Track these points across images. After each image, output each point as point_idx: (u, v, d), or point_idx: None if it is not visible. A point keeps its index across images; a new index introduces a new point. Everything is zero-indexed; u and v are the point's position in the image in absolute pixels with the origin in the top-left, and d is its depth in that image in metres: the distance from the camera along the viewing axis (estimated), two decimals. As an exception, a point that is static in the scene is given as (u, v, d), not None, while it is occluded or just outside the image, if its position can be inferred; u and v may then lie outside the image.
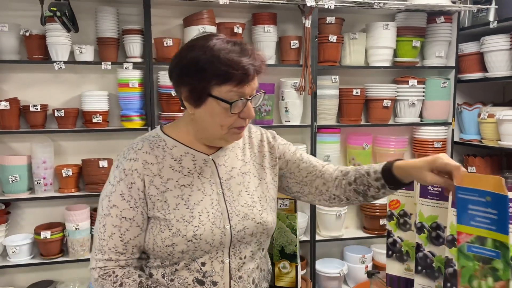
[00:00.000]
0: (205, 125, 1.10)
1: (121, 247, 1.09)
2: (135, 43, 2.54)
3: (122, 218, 1.08)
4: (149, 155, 1.11)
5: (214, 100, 1.05)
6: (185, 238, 1.06)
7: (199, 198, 1.11)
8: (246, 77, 1.03)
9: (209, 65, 1.02)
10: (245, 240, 1.15)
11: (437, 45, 2.95)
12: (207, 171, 1.15)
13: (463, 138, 3.04)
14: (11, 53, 2.44)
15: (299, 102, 2.79)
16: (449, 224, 1.17)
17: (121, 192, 1.08)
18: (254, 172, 1.22)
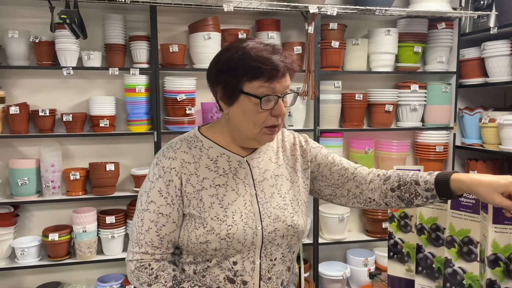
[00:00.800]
0: (238, 124, 1.13)
1: (157, 241, 1.12)
2: (142, 49, 2.59)
3: (159, 214, 1.12)
4: (187, 155, 1.15)
5: (246, 96, 1.08)
6: (219, 236, 1.09)
7: (233, 198, 1.14)
8: (276, 73, 1.07)
9: (240, 62, 1.07)
10: (276, 242, 1.16)
11: (438, 51, 2.98)
12: (241, 172, 1.17)
13: (465, 142, 3.07)
14: (21, 59, 2.49)
15: (302, 106, 2.83)
16: (448, 225, 1.21)
17: (159, 189, 1.12)
18: (287, 175, 1.24)
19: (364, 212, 3.04)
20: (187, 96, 2.61)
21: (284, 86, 1.10)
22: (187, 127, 2.66)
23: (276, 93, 1.09)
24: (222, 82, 1.11)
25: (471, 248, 1.16)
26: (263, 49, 1.08)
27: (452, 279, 1.19)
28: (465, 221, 1.18)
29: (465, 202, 1.18)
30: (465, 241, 1.17)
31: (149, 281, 1.11)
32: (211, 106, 2.69)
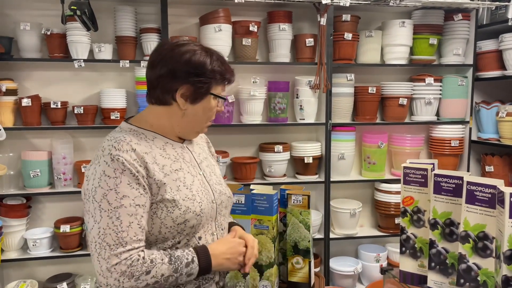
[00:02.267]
0: (195, 119, 1.24)
1: (140, 234, 1.12)
2: (153, 41, 2.59)
3: (137, 206, 1.11)
4: (140, 146, 1.17)
5: (211, 97, 1.22)
6: (195, 213, 1.18)
7: (191, 179, 1.24)
8: (232, 79, 1.27)
9: (217, 67, 1.20)
10: (223, 212, 1.32)
11: (454, 43, 2.92)
12: (186, 157, 1.28)
13: (481, 137, 3.01)
14: (33, 51, 2.51)
15: (314, 100, 2.80)
16: (462, 220, 1.17)
17: (128, 182, 1.11)
18: (210, 157, 1.41)
19: (377, 207, 3.00)
20: (197, 88, 2.60)
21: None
22: (198, 120, 2.65)
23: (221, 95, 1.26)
24: (194, 83, 1.19)
25: (487, 243, 1.13)
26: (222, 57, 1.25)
27: (466, 275, 1.16)
28: (480, 216, 1.14)
29: (481, 196, 1.14)
30: (480, 236, 1.13)
31: (146, 269, 1.10)
32: (221, 99, 2.67)
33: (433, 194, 1.25)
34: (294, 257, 1.57)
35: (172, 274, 1.12)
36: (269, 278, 1.55)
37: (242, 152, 2.93)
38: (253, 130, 2.93)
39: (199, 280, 1.22)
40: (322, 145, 2.86)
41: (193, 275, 1.16)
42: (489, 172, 2.90)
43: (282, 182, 2.79)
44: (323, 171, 2.85)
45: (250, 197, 1.54)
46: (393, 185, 2.91)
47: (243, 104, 2.73)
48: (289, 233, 1.57)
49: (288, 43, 2.77)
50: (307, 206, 1.55)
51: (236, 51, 2.74)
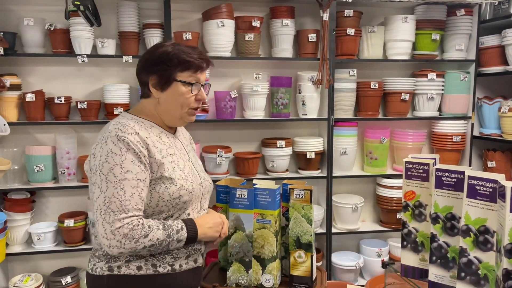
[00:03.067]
0: (169, 106, 1.39)
1: (140, 204, 1.28)
2: (155, 37, 2.59)
3: (138, 180, 1.28)
4: (142, 131, 1.34)
5: (178, 83, 1.36)
6: (188, 190, 1.37)
7: (183, 163, 1.41)
8: (201, 65, 1.37)
9: (175, 56, 1.35)
10: (205, 196, 1.50)
11: (457, 38, 2.91)
12: (177, 145, 1.46)
13: (483, 132, 3.00)
14: (37, 46, 2.52)
15: (316, 95, 2.80)
16: (463, 214, 1.17)
17: (131, 159, 1.28)
18: (192, 149, 1.58)
19: (379, 202, 3.01)
20: (200, 84, 2.60)
21: (204, 77, 1.41)
22: (200, 115, 2.66)
23: (200, 82, 1.39)
24: (157, 71, 1.35)
25: (487, 237, 1.13)
26: (188, 47, 1.39)
27: (467, 269, 1.16)
28: (481, 210, 1.14)
29: (482, 190, 1.15)
30: (481, 230, 1.14)
31: (145, 233, 1.26)
32: (224, 95, 2.68)
33: (434, 189, 1.25)
34: (296, 251, 1.58)
35: (166, 238, 1.29)
36: (272, 271, 1.56)
37: (244, 147, 2.94)
38: (255, 126, 2.93)
39: (189, 250, 1.41)
40: (324, 141, 2.86)
41: (182, 241, 1.33)
42: (491, 168, 2.90)
43: (284, 177, 2.79)
44: (325, 166, 2.86)
45: (253, 192, 1.55)
46: (395, 180, 2.92)
47: (246, 99, 2.73)
48: (292, 228, 1.58)
49: (290, 39, 2.76)
50: (309, 201, 1.55)
51: (238, 46, 2.75)
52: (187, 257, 1.41)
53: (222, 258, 1.73)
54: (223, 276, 1.63)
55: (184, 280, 1.40)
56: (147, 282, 1.33)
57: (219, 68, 2.81)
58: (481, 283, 1.13)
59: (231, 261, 1.59)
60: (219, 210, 1.69)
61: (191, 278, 1.43)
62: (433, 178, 1.26)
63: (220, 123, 2.86)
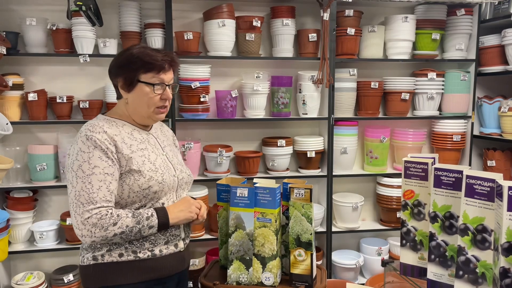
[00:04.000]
0: (136, 106, 1.50)
1: (108, 196, 1.39)
2: (157, 36, 2.60)
3: (106, 174, 1.39)
4: (111, 129, 1.45)
5: (142, 84, 1.46)
6: (157, 181, 1.47)
7: (155, 157, 1.52)
8: (163, 66, 1.46)
9: (139, 58, 1.45)
10: (183, 186, 1.60)
11: (457, 38, 2.91)
12: (151, 141, 1.56)
13: (483, 131, 3.00)
14: (39, 46, 2.53)
15: (316, 95, 2.80)
16: (462, 213, 1.18)
17: (99, 156, 1.39)
18: (172, 145, 1.70)
19: (379, 201, 3.01)
20: (201, 83, 2.61)
21: (169, 78, 1.50)
22: (201, 114, 2.67)
23: (164, 82, 1.48)
24: (123, 73, 1.47)
25: (485, 236, 1.13)
26: (152, 49, 1.49)
27: (465, 267, 1.17)
28: (479, 209, 1.15)
29: (480, 189, 1.15)
30: (479, 229, 1.14)
31: (113, 221, 1.36)
32: (225, 94, 2.69)
33: (433, 188, 1.26)
34: (296, 249, 1.58)
35: (135, 225, 1.39)
36: (272, 270, 1.56)
37: (245, 146, 2.94)
38: (256, 125, 2.94)
39: (167, 236, 1.50)
40: (324, 140, 2.87)
41: (154, 227, 1.43)
42: (491, 167, 2.91)
43: (285, 176, 2.80)
44: (326, 165, 2.86)
45: (253, 191, 1.55)
46: (395, 180, 2.92)
47: (247, 98, 2.74)
48: (292, 226, 1.58)
49: (291, 38, 2.77)
50: (309, 200, 1.55)
51: (239, 46, 2.75)
52: (166, 243, 1.50)
53: (222, 256, 1.73)
54: (224, 274, 1.64)
55: (165, 264, 1.50)
56: (129, 267, 1.44)
57: (220, 67, 2.81)
58: (478, 281, 1.14)
59: (231, 260, 1.60)
60: (220, 208, 1.70)
61: (173, 262, 1.53)
62: (432, 177, 1.26)
63: (221, 122, 2.86)
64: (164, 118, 1.59)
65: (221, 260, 1.73)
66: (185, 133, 2.81)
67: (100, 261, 1.44)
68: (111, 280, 1.44)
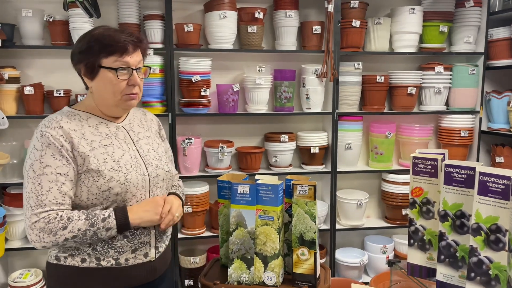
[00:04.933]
0: (101, 94, 1.37)
1: (60, 198, 1.28)
2: (156, 28, 2.55)
3: (58, 174, 1.28)
4: (70, 124, 1.34)
5: (104, 70, 1.32)
6: (119, 182, 1.33)
7: (120, 154, 1.38)
8: (126, 48, 1.32)
9: (96, 42, 1.31)
10: (159, 184, 1.46)
11: (465, 30, 2.85)
12: (120, 135, 1.43)
13: (491, 127, 2.95)
14: (35, 38, 2.49)
15: (320, 89, 2.76)
16: (474, 212, 1.14)
17: (52, 154, 1.28)
18: (153, 137, 1.55)
19: (384, 198, 2.97)
20: (202, 77, 2.57)
21: (136, 60, 1.35)
22: (202, 109, 2.62)
23: (130, 66, 1.33)
24: (83, 60, 1.34)
25: (499, 236, 1.09)
26: (113, 31, 1.34)
27: (477, 269, 1.13)
28: (493, 208, 1.10)
29: (494, 187, 1.10)
30: (493, 229, 1.10)
31: (63, 225, 1.26)
32: (226, 88, 2.64)
33: (443, 185, 1.21)
34: (299, 248, 1.54)
35: (89, 228, 1.28)
36: (274, 269, 1.53)
37: (247, 142, 2.90)
38: (258, 120, 2.89)
39: (134, 244, 1.38)
40: (328, 135, 2.82)
41: (112, 229, 1.31)
42: (499, 163, 2.86)
43: (287, 172, 2.76)
44: (330, 161, 2.82)
45: (255, 187, 1.52)
46: (400, 176, 2.88)
47: (249, 93, 2.69)
48: (295, 224, 1.54)
49: (294, 31, 2.72)
50: (313, 197, 1.51)
51: (241, 38, 2.70)
52: (134, 251, 1.38)
53: (223, 255, 1.70)
54: (225, 273, 1.60)
55: (131, 275, 1.38)
56: (90, 275, 1.34)
57: (221, 60, 2.77)
58: (491, 283, 1.10)
59: (232, 258, 1.56)
60: (220, 206, 1.65)
61: (141, 272, 1.41)
62: (442, 174, 1.22)
63: (222, 117, 2.82)
64: (134, 105, 1.43)
65: (222, 259, 1.70)
66: (185, 128, 2.77)
67: (62, 262, 1.36)
68: (70, 284, 1.36)
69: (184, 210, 2.63)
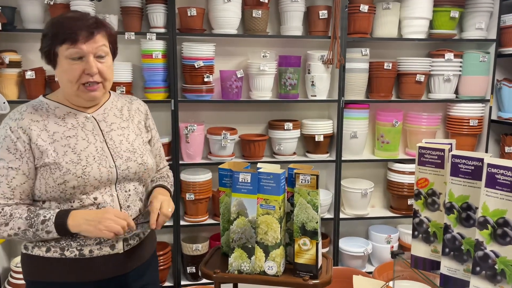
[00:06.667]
0: (62, 83, 1.34)
1: (9, 193, 1.28)
2: (159, 12, 2.51)
3: (9, 168, 1.28)
4: (34, 115, 1.32)
5: (60, 58, 1.28)
6: (75, 175, 1.29)
7: (84, 145, 1.34)
8: (76, 36, 1.26)
9: (49, 30, 1.29)
10: (130, 177, 1.40)
11: (477, 16, 2.78)
12: (89, 126, 1.38)
13: (501, 116, 2.90)
14: (37, 22, 2.46)
15: (326, 76, 2.71)
16: (481, 205, 1.11)
17: (7, 147, 1.28)
18: (133, 127, 1.47)
19: (389, 187, 2.94)
20: (205, 63, 2.53)
21: (93, 47, 1.28)
22: (205, 95, 2.59)
23: (85, 54, 1.27)
24: (43, 48, 1.32)
25: (507, 230, 1.06)
26: (67, 17, 1.29)
27: (483, 263, 1.10)
28: (501, 201, 1.07)
29: (502, 179, 1.07)
30: (500, 223, 1.07)
31: (5, 221, 1.25)
32: (230, 74, 2.60)
33: (450, 176, 1.18)
34: (301, 238, 1.52)
35: (28, 228, 1.26)
36: (275, 259, 1.51)
37: (250, 129, 2.87)
38: (262, 107, 2.86)
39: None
40: (334, 123, 2.79)
41: (52, 232, 1.27)
42: (509, 153, 2.81)
43: (291, 161, 2.74)
44: (335, 149, 2.79)
45: (257, 176, 1.49)
46: (406, 165, 2.84)
47: (253, 79, 2.65)
48: (297, 214, 1.52)
49: (300, 15, 2.66)
50: (315, 186, 1.49)
51: (245, 23, 2.65)
52: (99, 243, 1.35)
53: (224, 243, 1.68)
54: (226, 262, 1.59)
55: (97, 267, 1.35)
56: (55, 265, 1.33)
57: (224, 46, 2.72)
58: (497, 278, 1.08)
59: (233, 247, 1.54)
60: (221, 194, 1.64)
61: (108, 264, 1.37)
62: (449, 165, 1.18)
63: (225, 104, 2.79)
64: (98, 96, 1.35)
65: (223, 247, 1.69)
66: (188, 115, 2.75)
67: (30, 252, 1.35)
68: (36, 273, 1.35)
69: (187, 198, 2.62)
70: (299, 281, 1.50)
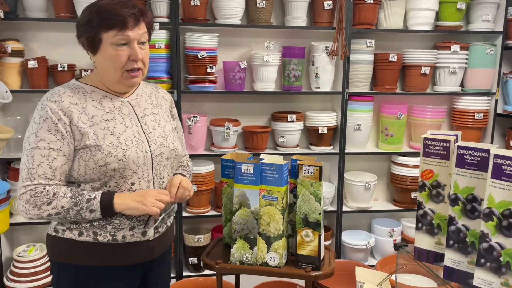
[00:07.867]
0: (103, 70, 1.35)
1: (50, 173, 1.29)
2: (162, 2, 2.48)
3: (50, 149, 1.28)
4: (72, 98, 1.33)
5: (105, 44, 1.30)
6: (116, 158, 1.31)
7: (122, 129, 1.36)
8: (125, 23, 1.28)
9: (97, 15, 1.29)
10: (163, 163, 1.43)
11: (484, 8, 2.74)
12: (125, 110, 1.40)
13: (507, 109, 2.88)
14: (39, 10, 2.44)
15: (330, 67, 2.69)
16: (487, 196, 1.10)
17: (47, 128, 1.28)
18: (162, 114, 1.51)
19: (393, 180, 2.92)
20: (208, 53, 2.51)
21: (138, 34, 1.32)
22: (208, 86, 2.57)
23: (131, 40, 1.30)
24: (84, 34, 1.31)
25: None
26: (112, 4, 1.30)
27: (488, 255, 1.09)
28: (507, 192, 1.06)
29: (509, 170, 1.05)
30: (506, 214, 1.05)
31: (48, 200, 1.27)
32: (233, 65, 2.58)
33: (455, 168, 1.16)
34: (304, 229, 1.52)
35: (72, 207, 1.28)
36: (277, 250, 1.51)
37: (254, 121, 2.86)
38: (265, 98, 2.84)
39: (133, 222, 1.37)
40: (337, 115, 2.77)
41: (95, 211, 1.29)
42: (514, 147, 2.78)
43: (294, 153, 2.72)
44: (338, 142, 2.77)
45: (259, 167, 1.49)
46: (410, 159, 2.83)
47: (256, 70, 2.63)
48: (299, 205, 1.51)
49: (305, 6, 2.63)
50: (318, 178, 1.48)
51: (249, 13, 2.62)
52: (132, 229, 1.38)
53: (226, 234, 1.68)
54: (228, 253, 1.58)
55: (128, 252, 1.38)
56: (87, 249, 1.35)
57: (228, 37, 2.70)
58: (502, 270, 1.06)
59: (235, 238, 1.54)
60: (224, 185, 1.63)
61: (139, 251, 1.40)
62: (454, 156, 1.16)
63: (228, 95, 2.77)
64: (138, 82, 1.40)
65: (225, 238, 1.69)
66: (191, 106, 2.73)
67: (60, 234, 1.36)
68: (66, 257, 1.37)
69: (189, 189, 2.62)
70: (301, 273, 1.50)
